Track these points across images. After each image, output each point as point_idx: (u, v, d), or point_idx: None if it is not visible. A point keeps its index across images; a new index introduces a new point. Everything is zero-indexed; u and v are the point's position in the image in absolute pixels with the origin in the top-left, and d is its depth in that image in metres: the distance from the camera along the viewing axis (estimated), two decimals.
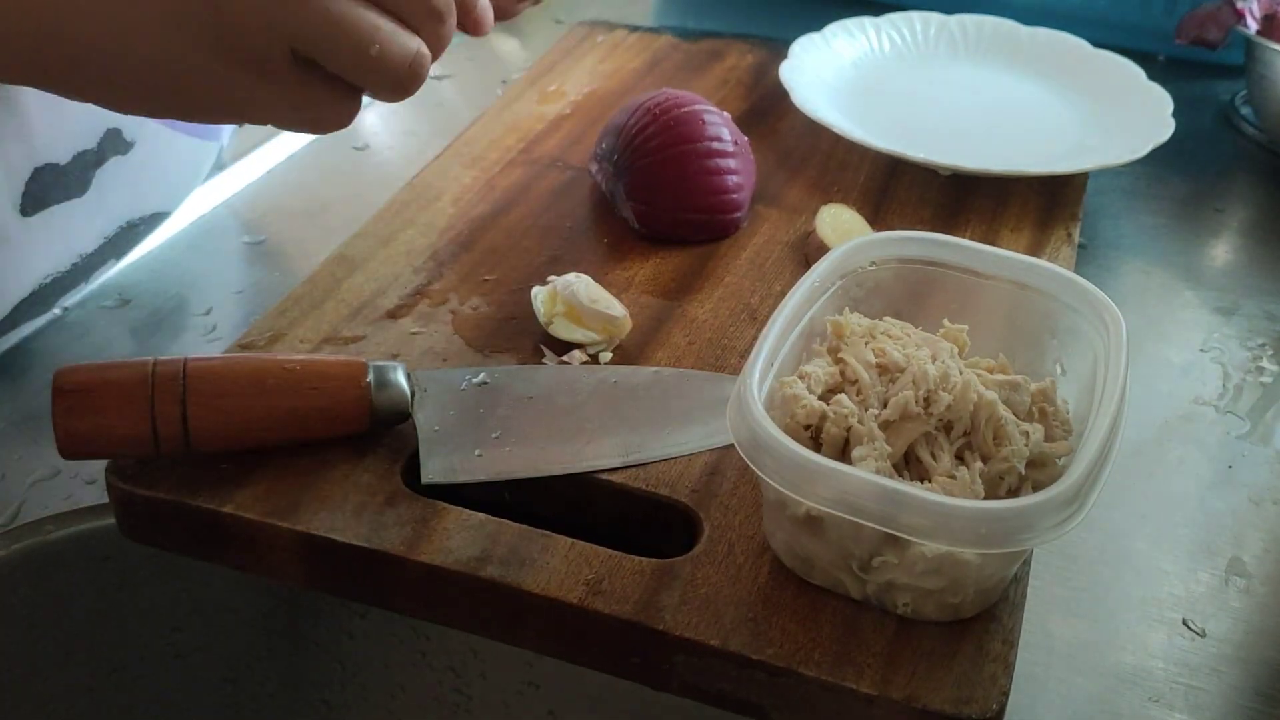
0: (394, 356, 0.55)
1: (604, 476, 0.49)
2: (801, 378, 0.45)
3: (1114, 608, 0.50)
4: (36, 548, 0.52)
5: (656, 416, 0.52)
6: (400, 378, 0.49)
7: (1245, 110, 0.93)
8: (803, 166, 0.75)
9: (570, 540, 0.46)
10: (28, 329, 0.64)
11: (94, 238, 0.66)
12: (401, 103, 0.64)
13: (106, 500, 0.48)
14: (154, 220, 0.71)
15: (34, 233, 0.61)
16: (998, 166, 0.71)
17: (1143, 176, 0.83)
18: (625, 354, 0.56)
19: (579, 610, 0.43)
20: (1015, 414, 0.45)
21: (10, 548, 0.52)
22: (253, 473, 0.48)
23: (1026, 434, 0.44)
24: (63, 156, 0.61)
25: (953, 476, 0.42)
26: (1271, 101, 0.87)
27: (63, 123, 0.60)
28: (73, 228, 0.64)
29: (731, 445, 0.43)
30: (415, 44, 0.44)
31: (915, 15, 0.91)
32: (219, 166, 0.79)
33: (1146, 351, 0.65)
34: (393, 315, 0.58)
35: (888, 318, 0.49)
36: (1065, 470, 0.42)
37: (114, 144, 0.64)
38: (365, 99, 0.47)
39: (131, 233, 0.69)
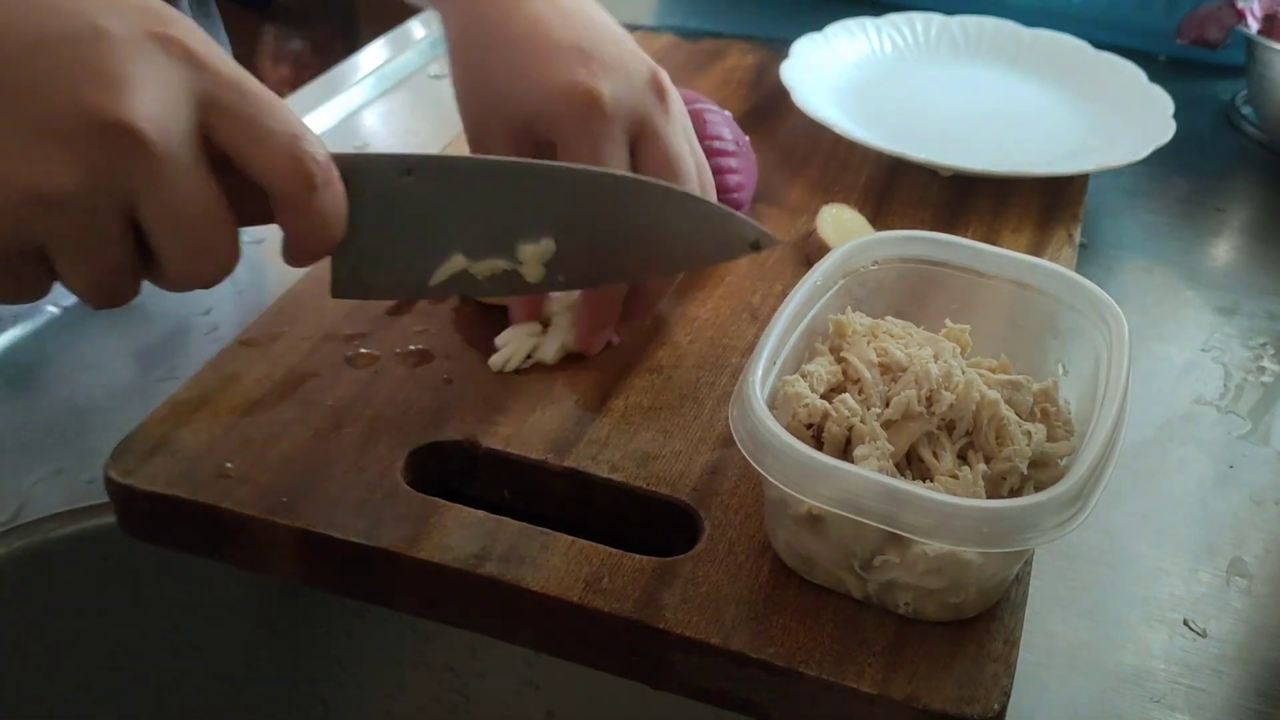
0: (395, 354, 0.55)
1: (604, 475, 0.49)
2: (804, 377, 0.45)
3: (1115, 608, 0.50)
4: (37, 547, 0.52)
5: None
6: None
7: (1246, 110, 0.93)
8: (804, 166, 0.75)
9: (570, 538, 0.45)
10: (27, 327, 0.64)
11: None
12: (401, 101, 0.64)
13: (106, 499, 0.48)
14: None
15: None
16: (999, 167, 0.71)
17: (1144, 176, 0.82)
18: (625, 352, 0.56)
19: (579, 608, 0.43)
20: (1017, 414, 0.45)
21: (11, 547, 0.52)
22: (252, 468, 0.48)
23: (1029, 434, 0.44)
24: None
25: (955, 476, 0.42)
26: (1272, 101, 0.87)
27: None
28: None
29: (733, 444, 0.43)
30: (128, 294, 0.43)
31: (916, 15, 0.91)
32: None
33: (1148, 351, 0.65)
34: (394, 313, 0.58)
35: (889, 317, 0.49)
36: (1067, 470, 0.42)
37: None
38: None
39: None
